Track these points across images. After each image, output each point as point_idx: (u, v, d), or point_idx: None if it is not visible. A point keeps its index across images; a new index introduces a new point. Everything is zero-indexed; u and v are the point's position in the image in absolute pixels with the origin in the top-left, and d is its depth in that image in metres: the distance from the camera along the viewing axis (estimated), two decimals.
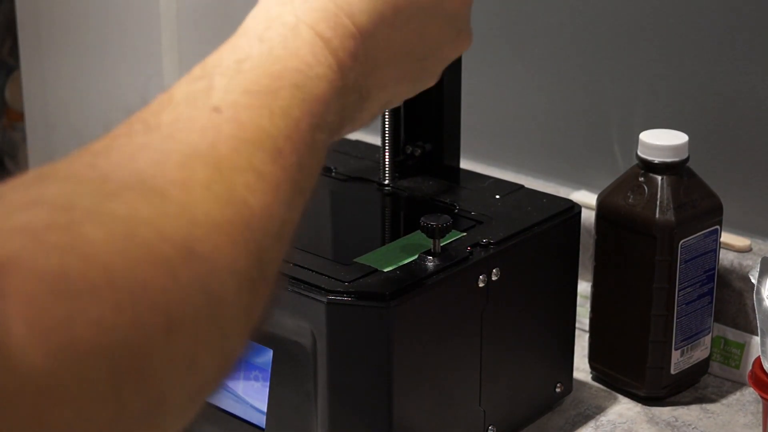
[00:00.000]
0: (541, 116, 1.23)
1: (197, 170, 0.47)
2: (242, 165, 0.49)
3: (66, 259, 0.38)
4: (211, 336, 0.44)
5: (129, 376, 0.39)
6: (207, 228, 0.45)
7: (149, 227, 0.43)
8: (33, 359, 0.36)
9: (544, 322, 0.95)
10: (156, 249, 0.42)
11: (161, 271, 0.42)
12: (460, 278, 0.86)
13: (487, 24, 1.22)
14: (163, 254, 0.42)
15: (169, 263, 0.42)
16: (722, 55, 1.09)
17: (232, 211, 0.47)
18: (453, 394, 0.88)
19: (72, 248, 0.39)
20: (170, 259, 0.42)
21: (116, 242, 0.41)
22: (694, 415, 1.00)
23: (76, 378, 0.37)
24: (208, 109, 0.51)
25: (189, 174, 0.47)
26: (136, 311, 0.40)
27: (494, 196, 0.97)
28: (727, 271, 1.06)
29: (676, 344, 1.00)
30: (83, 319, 0.38)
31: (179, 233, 0.44)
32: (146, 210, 0.43)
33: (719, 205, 1.00)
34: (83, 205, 0.41)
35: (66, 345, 0.37)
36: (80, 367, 0.37)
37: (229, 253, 0.46)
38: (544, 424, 0.98)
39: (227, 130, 0.50)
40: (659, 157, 0.98)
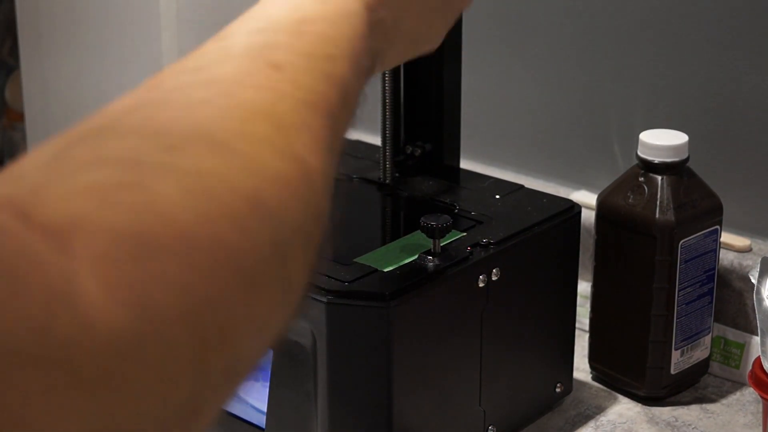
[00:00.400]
0: (541, 116, 1.23)
1: (259, 126, 0.46)
2: (300, 125, 0.49)
3: (139, 219, 0.37)
4: (282, 294, 0.44)
5: (210, 337, 0.38)
6: (273, 182, 0.45)
7: (218, 180, 0.42)
8: (110, 318, 0.35)
9: (544, 322, 0.95)
10: (227, 203, 0.41)
11: (234, 226, 0.41)
12: (460, 278, 0.86)
13: (487, 24, 1.23)
14: (234, 208, 0.41)
15: (240, 218, 0.41)
16: (722, 55, 1.09)
17: (294, 167, 0.46)
18: (453, 394, 0.88)
19: (144, 207, 0.38)
20: (241, 213, 0.42)
21: (187, 198, 0.40)
22: (694, 415, 1.00)
23: (157, 339, 0.36)
24: (269, 66, 0.50)
25: (252, 128, 0.46)
26: (213, 270, 0.39)
27: (494, 196, 0.97)
28: (727, 271, 1.06)
29: (676, 344, 1.00)
30: (161, 279, 0.37)
31: (247, 186, 0.43)
32: (213, 162, 0.42)
33: (719, 205, 1.00)
34: (150, 161, 0.40)
35: (145, 305, 0.36)
36: (160, 327, 0.36)
37: (293, 208, 0.45)
38: (544, 424, 0.98)
39: (287, 90, 0.49)
40: (659, 157, 0.98)
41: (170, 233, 0.38)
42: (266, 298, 0.42)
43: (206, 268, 0.39)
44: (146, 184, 0.39)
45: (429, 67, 0.99)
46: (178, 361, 0.37)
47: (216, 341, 0.39)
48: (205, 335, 0.38)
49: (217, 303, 0.39)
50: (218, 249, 0.39)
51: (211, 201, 0.40)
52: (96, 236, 0.36)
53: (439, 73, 0.99)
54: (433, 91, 1.00)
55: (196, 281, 0.38)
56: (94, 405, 0.34)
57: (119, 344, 0.35)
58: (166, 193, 0.39)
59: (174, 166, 0.41)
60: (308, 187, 0.47)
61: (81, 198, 0.37)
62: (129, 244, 0.36)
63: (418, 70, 0.99)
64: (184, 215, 0.39)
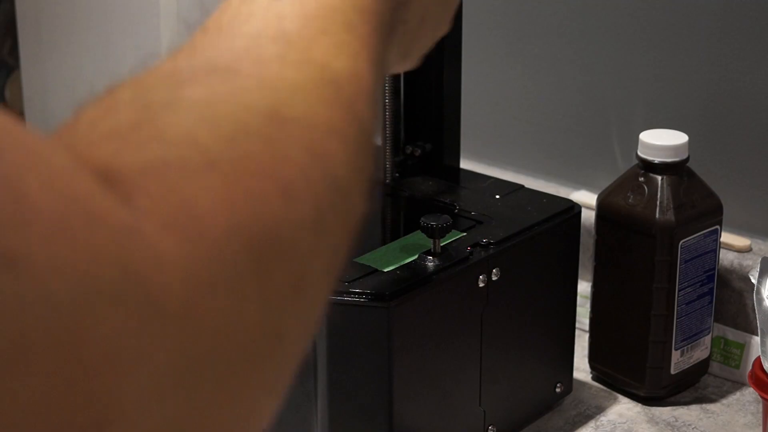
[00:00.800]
0: (541, 116, 1.23)
1: (267, 47, 0.46)
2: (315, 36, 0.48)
3: (161, 150, 0.38)
4: (329, 196, 0.43)
5: (262, 249, 0.38)
6: (290, 91, 0.44)
7: (231, 103, 0.42)
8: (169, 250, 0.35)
9: (544, 322, 0.95)
10: (243, 121, 0.41)
11: (256, 140, 0.41)
12: (460, 278, 0.86)
13: (487, 24, 1.23)
14: (252, 124, 0.41)
15: (261, 131, 0.41)
16: (722, 55, 1.09)
17: (313, 72, 0.46)
18: (453, 394, 0.88)
19: (162, 138, 0.38)
20: (261, 127, 0.41)
21: (203, 123, 0.40)
22: (694, 415, 1.00)
23: (215, 260, 0.36)
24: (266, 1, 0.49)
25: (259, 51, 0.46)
26: (245, 183, 0.39)
27: (494, 196, 0.97)
28: (727, 271, 1.06)
29: (676, 344, 1.00)
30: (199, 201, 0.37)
31: (263, 102, 0.43)
32: (223, 87, 0.42)
33: (719, 205, 1.00)
34: (160, 98, 0.41)
35: (193, 229, 0.36)
36: (215, 247, 0.36)
37: (320, 111, 0.44)
38: (544, 424, 0.98)
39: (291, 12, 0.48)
40: (659, 157, 0.98)
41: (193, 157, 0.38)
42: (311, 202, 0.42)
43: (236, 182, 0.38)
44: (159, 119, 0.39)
45: (429, 67, 0.99)
46: (242, 280, 0.37)
47: (268, 252, 0.39)
48: (260, 248, 0.38)
49: (258, 214, 0.39)
50: (245, 163, 0.39)
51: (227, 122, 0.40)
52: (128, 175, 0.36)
53: (439, 73, 0.99)
54: (433, 91, 1.00)
55: (231, 197, 0.38)
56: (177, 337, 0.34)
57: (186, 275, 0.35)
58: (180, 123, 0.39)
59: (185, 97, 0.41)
60: (335, 88, 0.46)
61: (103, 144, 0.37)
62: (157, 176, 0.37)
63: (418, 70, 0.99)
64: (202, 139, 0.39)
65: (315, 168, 0.42)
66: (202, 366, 0.36)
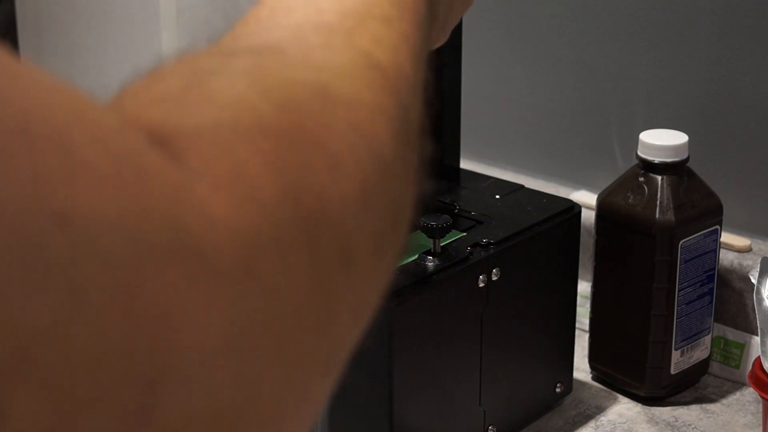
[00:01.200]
0: (541, 116, 1.23)
1: (310, 36, 0.46)
2: (355, 27, 0.48)
3: (213, 112, 0.38)
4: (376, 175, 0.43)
5: (311, 217, 0.38)
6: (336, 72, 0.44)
7: (279, 75, 0.42)
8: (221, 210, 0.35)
9: (544, 322, 0.95)
10: (293, 92, 0.41)
11: (305, 111, 0.41)
12: (460, 278, 0.86)
13: (487, 24, 1.23)
14: (301, 96, 0.41)
15: (310, 104, 0.41)
16: (722, 55, 1.09)
17: (359, 57, 0.46)
18: (453, 394, 0.88)
19: (214, 101, 0.38)
20: (310, 100, 0.41)
21: (254, 89, 0.40)
22: (694, 415, 1.01)
23: (266, 223, 0.36)
24: None
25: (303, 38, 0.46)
26: (295, 152, 0.39)
27: (494, 196, 0.97)
28: (727, 271, 1.06)
29: (676, 344, 1.00)
30: (251, 164, 0.37)
31: (310, 77, 0.43)
32: (270, 62, 0.43)
33: (719, 205, 1.00)
34: (209, 66, 0.41)
35: (245, 191, 0.36)
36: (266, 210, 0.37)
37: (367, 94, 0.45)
38: (544, 424, 0.98)
39: (330, 7, 0.49)
40: (659, 157, 0.98)
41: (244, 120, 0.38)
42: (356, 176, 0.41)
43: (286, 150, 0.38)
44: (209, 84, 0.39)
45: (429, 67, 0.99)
46: (292, 245, 0.37)
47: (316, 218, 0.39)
48: (308, 216, 0.38)
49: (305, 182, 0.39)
50: (293, 132, 0.39)
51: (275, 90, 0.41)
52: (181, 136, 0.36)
53: (439, 73, 0.99)
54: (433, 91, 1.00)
55: (280, 163, 0.38)
56: (229, 296, 0.34)
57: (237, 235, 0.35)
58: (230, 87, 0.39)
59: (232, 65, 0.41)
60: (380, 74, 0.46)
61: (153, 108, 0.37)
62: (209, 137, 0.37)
63: None
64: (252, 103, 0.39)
65: (362, 146, 0.42)
66: (255, 330, 0.35)
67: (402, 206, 0.46)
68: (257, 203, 0.36)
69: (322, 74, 0.44)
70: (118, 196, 0.32)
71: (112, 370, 0.31)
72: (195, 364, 0.33)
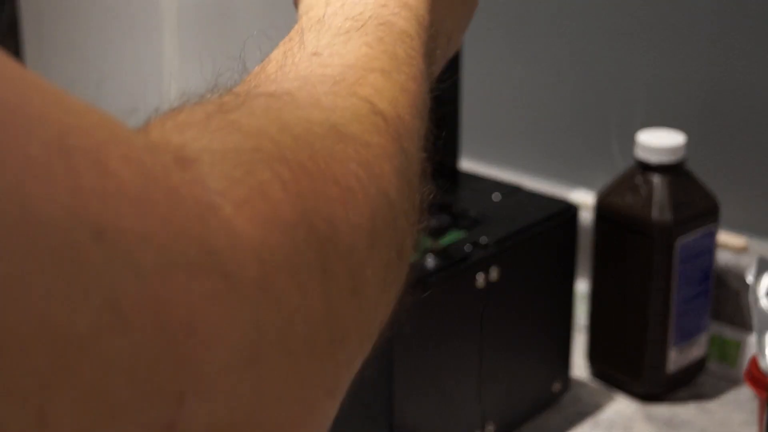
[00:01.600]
0: (540, 116, 1.23)
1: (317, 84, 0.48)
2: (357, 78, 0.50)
3: (235, 138, 0.39)
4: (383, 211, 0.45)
5: (325, 243, 0.40)
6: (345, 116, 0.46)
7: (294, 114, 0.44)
8: (244, 229, 0.36)
9: (542, 321, 0.96)
10: (306, 128, 0.43)
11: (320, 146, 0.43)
12: (460, 278, 0.87)
13: (486, 23, 1.23)
14: (314, 132, 0.43)
15: (322, 139, 0.43)
16: (721, 55, 1.09)
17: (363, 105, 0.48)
18: (452, 392, 0.89)
19: (237, 129, 0.40)
20: (322, 136, 0.43)
21: (272, 122, 0.42)
22: (691, 413, 1.01)
23: (285, 245, 0.38)
24: (308, 54, 0.52)
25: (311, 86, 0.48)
26: (312, 181, 0.41)
27: (493, 197, 0.98)
28: (724, 270, 1.07)
29: (674, 343, 1.01)
30: (273, 187, 0.38)
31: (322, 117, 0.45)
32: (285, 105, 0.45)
33: (716, 205, 1.01)
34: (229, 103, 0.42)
35: (267, 212, 0.38)
36: (285, 232, 0.38)
37: (374, 136, 0.47)
38: (543, 421, 0.99)
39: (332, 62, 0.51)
40: (657, 157, 0.98)
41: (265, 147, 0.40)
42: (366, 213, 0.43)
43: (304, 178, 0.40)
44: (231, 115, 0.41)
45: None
46: (308, 269, 0.39)
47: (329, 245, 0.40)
48: (323, 242, 0.40)
49: (321, 210, 0.40)
50: (311, 164, 0.41)
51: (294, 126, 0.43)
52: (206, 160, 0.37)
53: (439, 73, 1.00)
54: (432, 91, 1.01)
55: (299, 189, 0.40)
56: (250, 312, 0.36)
57: (259, 254, 0.36)
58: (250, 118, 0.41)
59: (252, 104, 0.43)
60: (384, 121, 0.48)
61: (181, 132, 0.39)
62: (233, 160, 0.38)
63: None
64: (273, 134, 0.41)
65: (370, 182, 0.44)
66: (272, 347, 0.37)
67: (405, 243, 0.48)
68: (277, 224, 0.38)
69: (332, 115, 0.46)
70: (149, 213, 0.33)
71: (144, 380, 0.32)
72: (220, 377, 0.34)
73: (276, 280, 0.37)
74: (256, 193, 0.38)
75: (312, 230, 0.39)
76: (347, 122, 0.46)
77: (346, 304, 0.42)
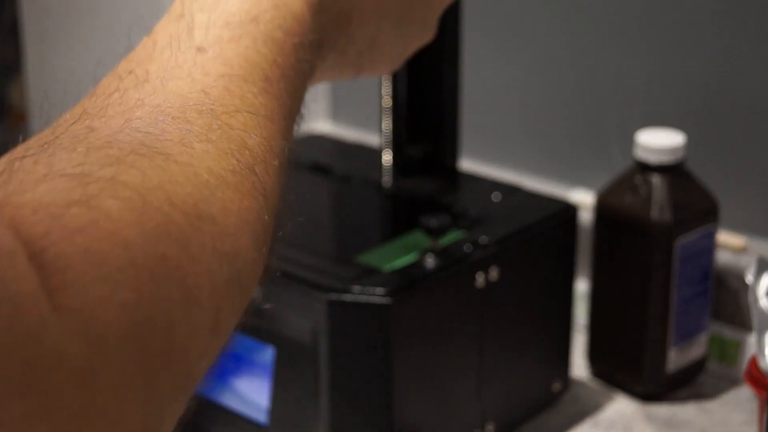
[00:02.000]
0: (540, 116, 1.24)
1: (194, 122, 0.47)
2: (235, 104, 0.49)
3: (90, 240, 0.38)
4: (230, 295, 0.44)
5: (154, 353, 0.40)
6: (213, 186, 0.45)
7: (159, 195, 0.42)
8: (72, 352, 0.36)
9: (542, 321, 0.96)
10: (168, 219, 0.42)
11: (175, 241, 0.41)
12: (460, 278, 0.87)
13: (486, 24, 1.23)
14: (175, 224, 0.42)
15: (181, 232, 0.42)
16: (721, 54, 1.09)
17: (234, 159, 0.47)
18: (452, 392, 0.89)
19: (95, 226, 0.39)
20: (182, 227, 0.42)
21: (133, 215, 0.40)
22: (691, 413, 1.01)
23: (109, 362, 0.38)
24: (193, 50, 0.51)
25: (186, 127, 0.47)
26: (155, 288, 0.40)
27: (493, 197, 0.98)
28: (724, 270, 1.07)
29: (673, 343, 1.01)
30: (112, 301, 0.38)
31: (188, 198, 0.43)
32: (154, 176, 0.43)
33: (716, 205, 1.01)
34: (97, 175, 0.41)
35: (98, 330, 0.37)
36: (111, 350, 0.38)
37: (238, 206, 0.46)
38: (543, 421, 0.99)
39: (215, 70, 0.50)
40: (656, 157, 0.99)
41: (117, 254, 0.39)
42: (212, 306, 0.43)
43: (147, 286, 0.39)
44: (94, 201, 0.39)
45: (429, 67, 0.99)
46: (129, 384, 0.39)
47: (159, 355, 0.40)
48: (148, 351, 0.39)
49: (158, 319, 0.40)
50: (159, 266, 0.40)
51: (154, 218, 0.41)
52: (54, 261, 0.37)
53: (439, 73, 1.00)
54: (433, 91, 1.01)
55: (140, 300, 0.39)
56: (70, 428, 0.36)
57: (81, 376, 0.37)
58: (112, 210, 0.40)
59: (120, 180, 0.41)
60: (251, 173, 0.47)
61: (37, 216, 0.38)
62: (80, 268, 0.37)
63: (418, 70, 1.00)
64: (129, 233, 0.39)
65: (222, 270, 0.43)
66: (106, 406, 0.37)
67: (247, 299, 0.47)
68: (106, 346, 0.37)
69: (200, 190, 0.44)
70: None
71: None
72: None
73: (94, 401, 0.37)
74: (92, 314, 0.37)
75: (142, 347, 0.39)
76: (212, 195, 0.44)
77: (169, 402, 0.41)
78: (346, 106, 1.38)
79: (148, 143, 0.45)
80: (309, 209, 1.00)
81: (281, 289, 0.85)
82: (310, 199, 1.01)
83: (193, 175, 0.45)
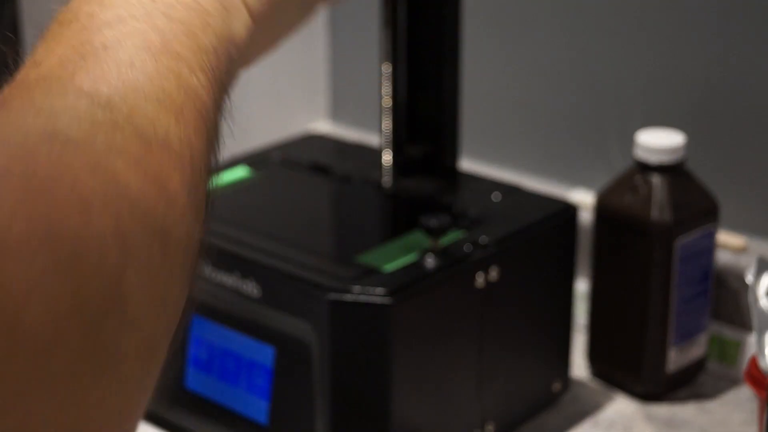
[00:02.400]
0: (539, 116, 1.24)
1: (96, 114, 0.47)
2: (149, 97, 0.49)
3: None
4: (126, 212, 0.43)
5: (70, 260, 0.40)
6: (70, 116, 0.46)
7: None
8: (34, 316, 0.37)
9: (542, 321, 0.96)
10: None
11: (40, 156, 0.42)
12: (460, 278, 0.87)
13: (486, 24, 1.23)
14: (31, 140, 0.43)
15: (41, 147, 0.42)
16: (720, 54, 1.10)
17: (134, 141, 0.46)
18: (452, 392, 0.89)
19: None
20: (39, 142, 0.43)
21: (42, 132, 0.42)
22: (691, 413, 1.01)
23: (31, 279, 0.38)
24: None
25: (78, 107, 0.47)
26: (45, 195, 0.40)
27: (493, 197, 0.98)
28: (724, 270, 1.07)
29: (673, 343, 1.01)
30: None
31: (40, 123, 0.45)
32: None
33: (716, 205, 1.01)
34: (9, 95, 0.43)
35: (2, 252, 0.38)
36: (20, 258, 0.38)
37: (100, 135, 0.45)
38: (543, 421, 0.99)
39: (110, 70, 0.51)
40: (656, 157, 0.99)
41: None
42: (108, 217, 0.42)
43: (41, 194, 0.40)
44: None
45: (429, 67, 0.99)
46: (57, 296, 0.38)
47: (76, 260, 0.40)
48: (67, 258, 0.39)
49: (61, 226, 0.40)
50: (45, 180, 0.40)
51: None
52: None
53: (439, 73, 1.00)
54: (433, 91, 1.01)
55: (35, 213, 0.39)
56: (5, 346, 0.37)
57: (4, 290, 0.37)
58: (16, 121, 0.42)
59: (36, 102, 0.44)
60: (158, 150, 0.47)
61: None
62: None
63: (418, 70, 1.00)
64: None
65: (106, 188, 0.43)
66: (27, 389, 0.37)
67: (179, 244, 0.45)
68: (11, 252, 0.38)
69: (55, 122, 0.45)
70: None
71: None
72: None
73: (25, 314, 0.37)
74: None
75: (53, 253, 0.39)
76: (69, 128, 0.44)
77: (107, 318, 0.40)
78: (346, 106, 1.39)
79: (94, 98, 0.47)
80: (309, 209, 1.00)
81: (281, 289, 0.85)
82: (310, 199, 1.01)
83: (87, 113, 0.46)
